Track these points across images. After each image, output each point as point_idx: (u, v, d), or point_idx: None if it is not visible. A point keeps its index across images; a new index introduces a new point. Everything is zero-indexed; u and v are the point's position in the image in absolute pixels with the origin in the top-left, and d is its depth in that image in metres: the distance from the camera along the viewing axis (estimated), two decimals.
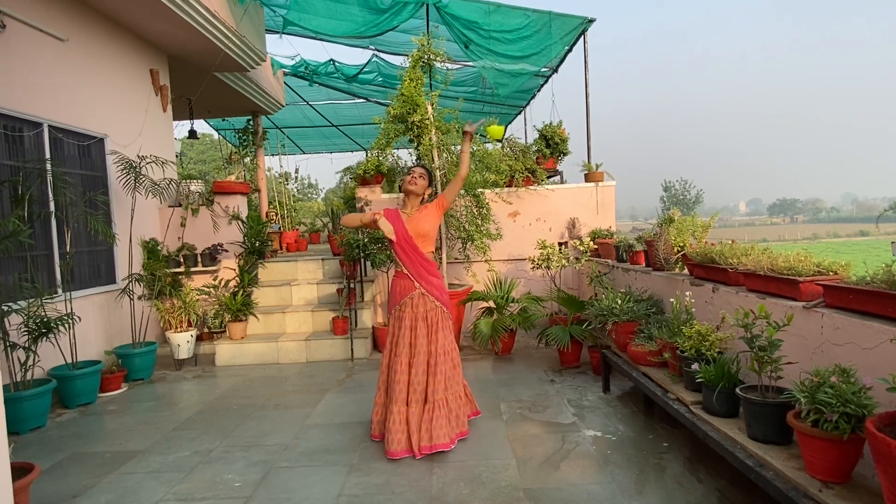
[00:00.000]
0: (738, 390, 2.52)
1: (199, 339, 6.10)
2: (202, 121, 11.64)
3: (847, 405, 1.93)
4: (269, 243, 7.18)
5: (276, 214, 10.20)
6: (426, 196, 3.65)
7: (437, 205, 3.57)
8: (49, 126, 4.83)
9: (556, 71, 8.92)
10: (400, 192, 7.02)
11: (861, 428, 1.91)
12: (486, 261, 6.12)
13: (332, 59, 9.80)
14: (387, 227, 3.37)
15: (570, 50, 7.85)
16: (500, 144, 7.06)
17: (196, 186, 6.90)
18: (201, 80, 7.52)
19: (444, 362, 3.41)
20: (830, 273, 2.65)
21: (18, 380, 4.00)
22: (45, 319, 4.09)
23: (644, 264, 4.72)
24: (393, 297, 3.54)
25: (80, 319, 4.53)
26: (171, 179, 5.98)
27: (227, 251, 6.63)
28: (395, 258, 3.52)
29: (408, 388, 3.35)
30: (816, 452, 2.03)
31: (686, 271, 3.94)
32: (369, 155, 6.77)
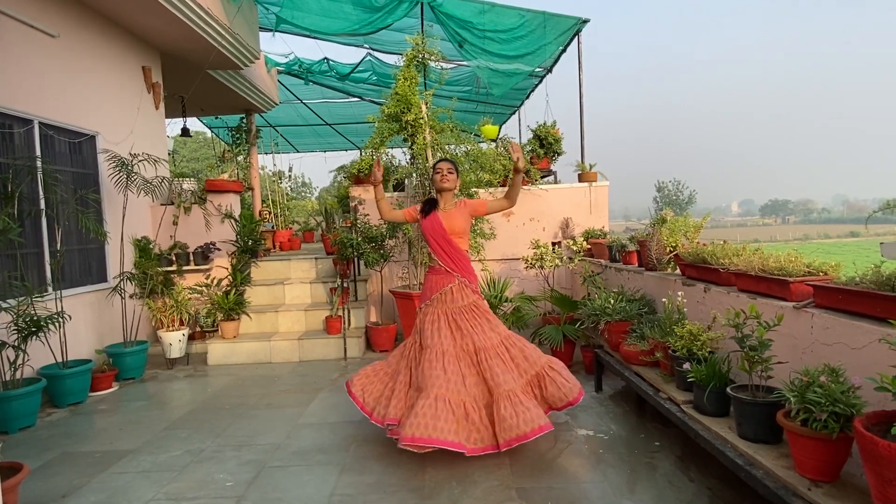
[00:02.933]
0: (728, 390, 2.54)
1: (191, 338, 6.06)
2: (195, 119, 11.57)
3: (836, 404, 1.95)
4: (262, 242, 7.15)
5: (270, 213, 10.16)
6: (457, 188, 3.71)
7: (473, 209, 3.61)
8: (39, 123, 4.78)
9: (550, 71, 8.93)
10: (395, 191, 7.01)
11: (849, 427, 1.93)
12: (479, 260, 6.12)
13: (326, 58, 9.77)
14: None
15: (564, 50, 7.87)
16: (494, 144, 7.07)
17: (189, 185, 6.86)
18: (194, 78, 7.47)
19: (501, 352, 3.33)
20: (820, 273, 2.67)
21: (8, 379, 3.96)
22: (35, 318, 4.05)
23: (637, 264, 4.74)
24: (425, 292, 3.55)
25: (70, 318, 4.49)
26: (164, 177, 5.95)
27: (219, 250, 6.60)
28: (431, 253, 3.57)
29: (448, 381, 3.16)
30: (806, 451, 2.05)
31: (678, 271, 3.96)
32: (363, 154, 6.76)
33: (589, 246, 5.94)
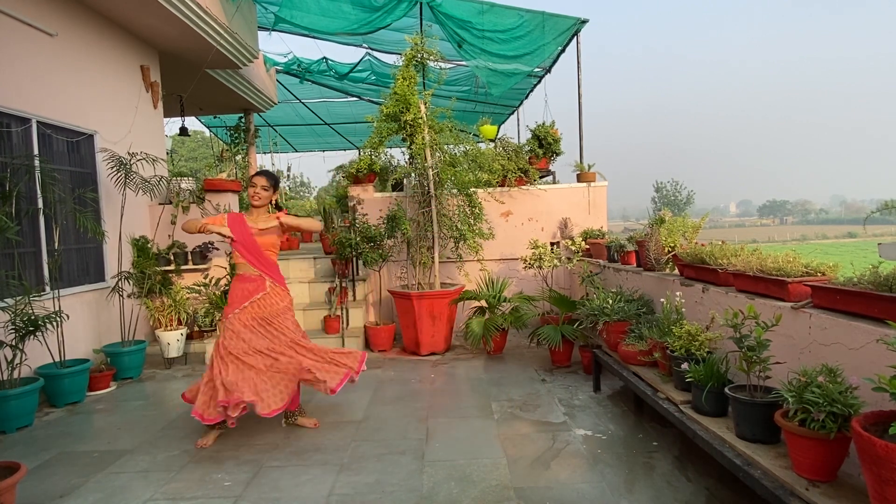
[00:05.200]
0: (726, 390, 2.54)
1: (189, 337, 6.05)
2: (194, 118, 11.56)
3: (834, 405, 1.95)
4: None
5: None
6: (274, 201, 3.74)
7: (279, 227, 3.61)
8: (37, 122, 4.77)
9: (549, 71, 8.94)
10: (393, 190, 7.01)
11: (847, 427, 1.93)
12: (478, 260, 6.13)
13: (325, 58, 9.76)
14: (224, 230, 3.49)
15: (563, 50, 7.87)
16: (492, 144, 7.07)
17: (187, 184, 6.84)
18: (192, 77, 7.46)
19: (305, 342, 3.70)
20: (818, 274, 2.68)
21: (5, 378, 3.95)
22: (33, 317, 4.04)
23: (635, 264, 4.74)
24: (238, 298, 3.58)
25: (68, 317, 4.47)
26: (162, 176, 5.94)
27: (217, 249, 6.58)
28: (241, 260, 3.61)
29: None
30: (803, 451, 2.05)
31: (676, 271, 3.97)
32: (362, 153, 6.76)
33: (587, 246, 5.95)
